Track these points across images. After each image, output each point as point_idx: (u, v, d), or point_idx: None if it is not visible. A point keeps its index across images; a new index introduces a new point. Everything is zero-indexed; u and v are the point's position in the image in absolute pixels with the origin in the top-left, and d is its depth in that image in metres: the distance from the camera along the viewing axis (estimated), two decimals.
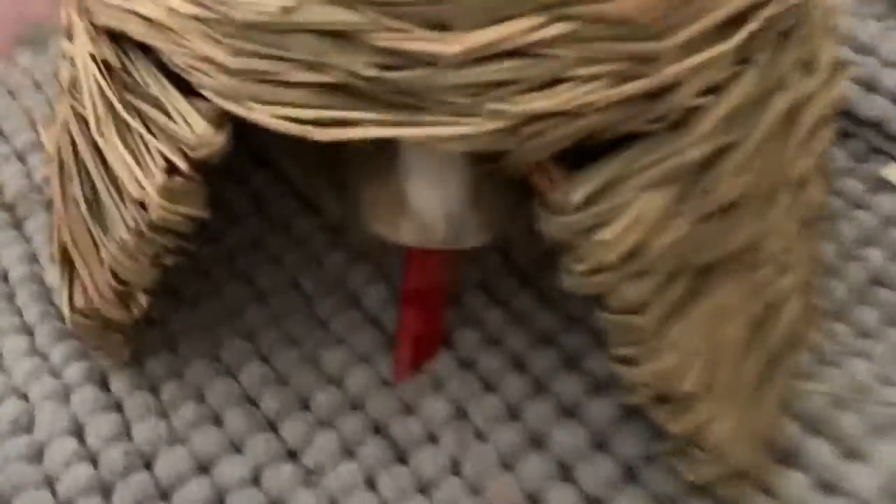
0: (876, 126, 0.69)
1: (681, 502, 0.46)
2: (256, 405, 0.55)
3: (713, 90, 0.42)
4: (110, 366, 0.56)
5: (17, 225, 0.67)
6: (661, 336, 0.42)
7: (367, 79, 0.38)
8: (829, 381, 0.52)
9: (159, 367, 0.56)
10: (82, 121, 0.50)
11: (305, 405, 0.55)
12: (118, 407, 0.55)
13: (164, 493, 0.50)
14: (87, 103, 0.47)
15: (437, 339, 0.56)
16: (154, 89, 0.45)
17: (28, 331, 0.59)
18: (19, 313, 0.60)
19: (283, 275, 0.63)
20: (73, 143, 0.52)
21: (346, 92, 0.39)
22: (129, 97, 0.46)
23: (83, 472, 0.50)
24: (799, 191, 0.50)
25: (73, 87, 0.51)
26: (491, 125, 0.39)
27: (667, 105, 0.41)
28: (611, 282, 0.42)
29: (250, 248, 0.65)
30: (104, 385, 0.56)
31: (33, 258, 0.64)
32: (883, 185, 0.66)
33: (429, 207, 0.47)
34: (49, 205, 0.60)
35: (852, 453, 0.48)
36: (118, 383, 0.55)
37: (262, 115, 0.41)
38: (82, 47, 0.49)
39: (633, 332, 0.42)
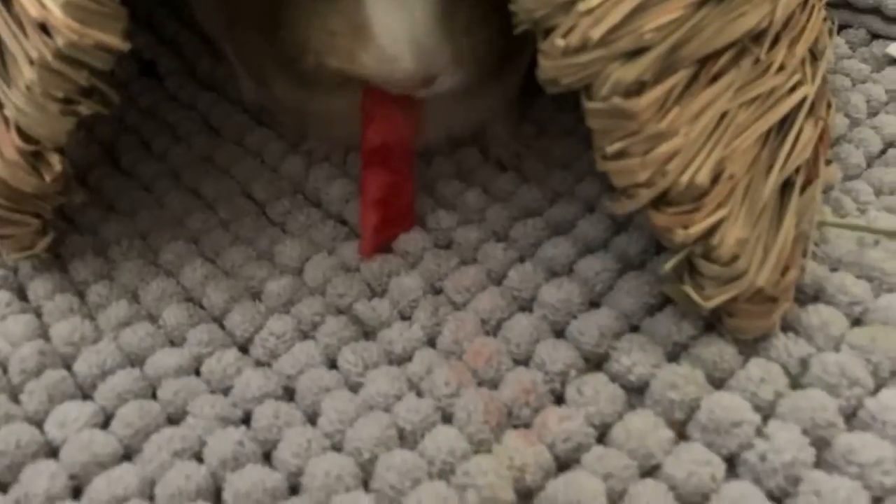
0: (873, 11, 0.64)
1: (695, 346, 0.39)
2: (200, 305, 0.47)
3: None
4: (29, 274, 0.49)
5: None
6: (660, 121, 0.35)
7: None
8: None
9: (86, 271, 0.49)
10: None
11: (256, 298, 0.47)
12: (36, 312, 0.47)
13: (85, 391, 0.42)
14: None
15: (407, 209, 0.49)
16: None
17: None
18: None
19: (233, 184, 0.56)
20: None
21: None
22: None
23: None
24: (806, 6, 0.45)
25: None
26: None
27: None
28: (598, 62, 0.35)
29: (197, 163, 0.58)
30: (20, 293, 0.48)
31: None
32: (888, 61, 0.60)
33: (393, 29, 0.41)
34: None
35: (884, 287, 0.41)
36: (36, 288, 0.48)
37: None
38: None
39: (626, 119, 0.35)
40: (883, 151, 0.53)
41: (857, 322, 0.40)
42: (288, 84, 0.51)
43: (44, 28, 0.39)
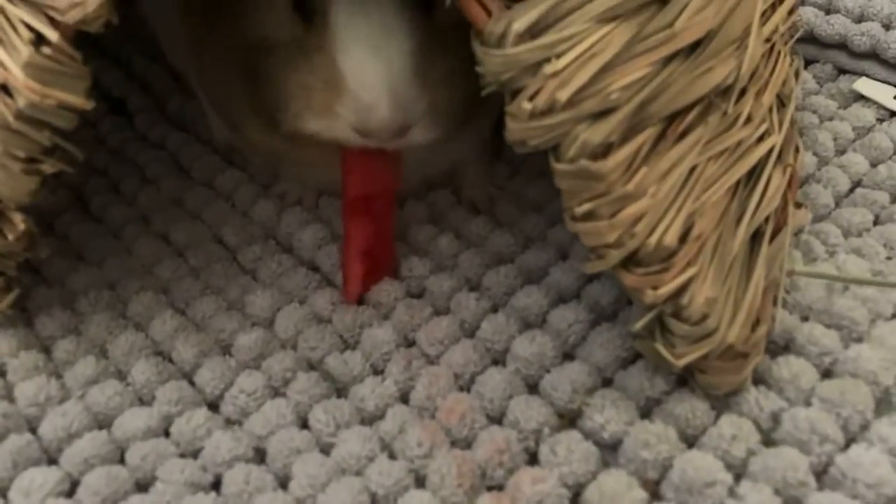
0: (839, 46, 0.65)
1: (668, 402, 0.39)
2: (169, 359, 0.46)
3: None
4: None
5: None
6: (627, 182, 0.35)
7: None
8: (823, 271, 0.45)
9: (52, 326, 0.48)
10: None
11: (226, 352, 0.46)
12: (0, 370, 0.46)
13: (51, 455, 0.41)
14: None
15: (389, 255, 0.48)
16: None
17: None
18: None
19: (203, 229, 0.55)
20: None
21: None
22: None
23: None
24: (771, 56, 0.45)
25: None
26: None
27: None
28: (565, 124, 0.35)
29: (167, 207, 0.57)
30: None
31: None
32: (855, 97, 0.61)
33: (368, 80, 0.41)
34: None
35: (853, 336, 0.41)
36: (1, 346, 0.47)
37: None
38: None
39: (594, 180, 0.35)
40: (851, 190, 0.54)
41: (826, 373, 0.40)
42: (260, 128, 0.50)
43: (4, 88, 0.39)
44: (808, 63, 0.65)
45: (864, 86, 0.62)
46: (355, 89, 0.41)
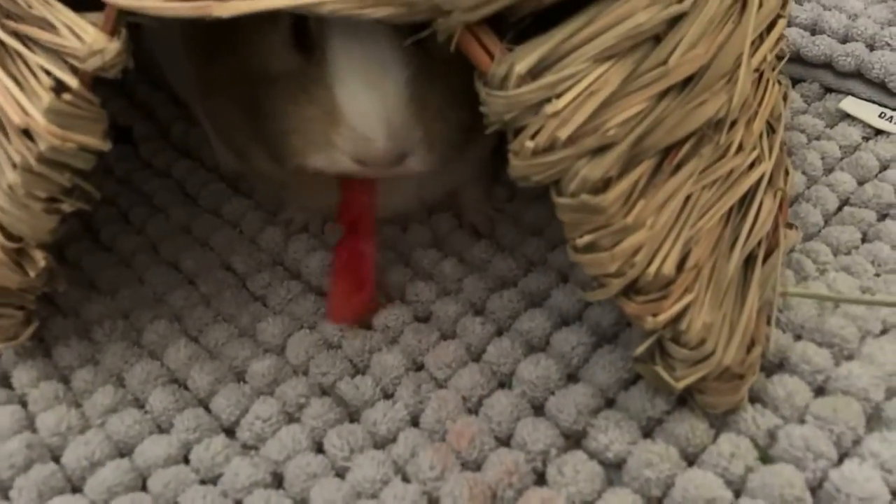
0: (825, 66, 0.67)
1: (668, 421, 0.40)
2: (184, 386, 0.48)
3: None
4: (12, 361, 0.49)
5: None
6: (626, 215, 0.37)
7: None
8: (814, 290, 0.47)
9: (70, 356, 0.49)
10: None
11: (241, 379, 0.48)
12: (21, 401, 0.47)
13: (75, 483, 0.43)
14: None
15: (369, 276, 0.50)
16: (38, 9, 0.40)
17: None
18: None
19: (213, 257, 0.57)
20: None
21: None
22: (11, 23, 0.41)
23: None
24: (760, 84, 0.47)
25: None
26: None
27: None
28: (566, 160, 0.37)
29: (176, 235, 0.59)
30: (4, 380, 0.49)
31: None
32: (841, 116, 0.63)
33: (365, 112, 0.42)
34: None
35: (844, 354, 0.43)
36: (20, 376, 0.48)
37: (156, 3, 0.36)
38: None
39: (594, 213, 0.37)
40: (839, 209, 0.56)
41: (819, 391, 0.42)
42: (265, 157, 0.52)
43: (26, 133, 0.40)
44: (796, 82, 0.67)
45: (849, 105, 0.64)
46: (352, 121, 0.42)
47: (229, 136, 0.56)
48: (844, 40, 0.67)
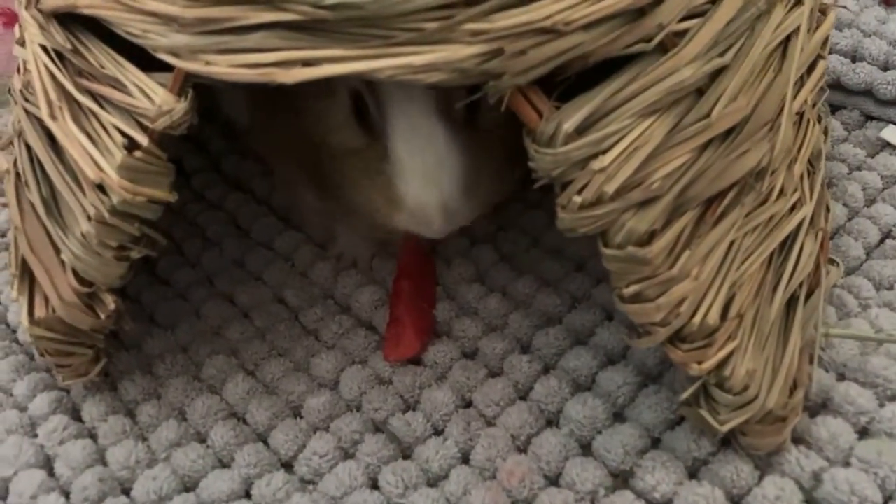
0: (866, 93, 0.67)
1: (714, 462, 0.41)
2: (243, 420, 0.50)
3: (698, 16, 0.40)
4: (81, 395, 0.52)
5: None
6: (672, 266, 0.38)
7: (330, 7, 0.35)
8: (855, 329, 0.48)
9: (135, 390, 0.52)
10: (35, 120, 0.47)
11: (297, 414, 0.50)
12: (91, 434, 0.50)
13: None
14: (39, 93, 0.45)
15: (431, 316, 0.52)
16: (111, 69, 0.43)
17: None
18: None
19: (266, 291, 0.59)
20: (29, 149, 0.49)
21: (309, 30, 0.37)
22: (84, 82, 0.44)
23: (52, 501, 0.45)
24: (801, 127, 0.48)
25: (26, 89, 0.48)
26: (469, 49, 0.36)
27: (651, 23, 0.38)
28: (612, 213, 0.38)
29: (230, 268, 0.61)
30: (75, 414, 0.51)
31: None
32: (882, 145, 0.63)
33: (424, 203, 0.45)
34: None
35: (887, 395, 0.44)
36: (90, 410, 0.51)
37: (222, 68, 0.38)
38: (33, 42, 0.46)
39: (640, 264, 0.38)
40: (881, 241, 0.56)
41: (863, 432, 0.43)
42: (319, 195, 0.54)
43: (100, 187, 0.42)
44: (835, 109, 0.67)
45: (891, 133, 0.64)
46: (413, 210, 0.46)
47: (287, 182, 0.58)
48: (885, 67, 0.67)
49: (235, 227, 0.65)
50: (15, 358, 0.54)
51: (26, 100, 0.48)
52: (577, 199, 0.38)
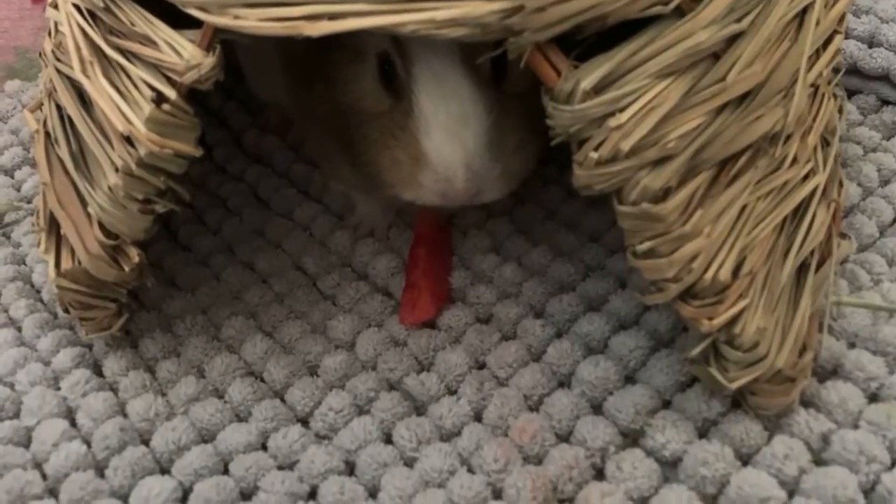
0: (882, 79, 0.67)
1: (723, 423, 0.42)
2: (261, 378, 0.51)
3: None
4: (103, 351, 0.53)
5: (5, 232, 0.65)
6: (685, 223, 0.39)
7: None
8: (868, 299, 0.48)
9: (155, 348, 0.53)
10: (66, 79, 0.48)
11: (313, 373, 0.51)
12: (112, 388, 0.51)
13: (163, 465, 0.46)
14: (72, 50, 0.46)
15: (447, 281, 0.53)
16: (141, 27, 0.44)
17: (15, 325, 0.56)
18: (4, 310, 0.57)
19: (285, 258, 0.60)
20: (59, 108, 0.50)
21: None
22: (115, 39, 0.45)
23: (74, 449, 0.46)
24: (815, 100, 0.48)
25: (58, 49, 0.50)
26: (490, 5, 0.37)
27: None
28: (628, 170, 0.39)
29: (250, 237, 0.62)
30: (96, 369, 0.52)
31: (20, 260, 0.62)
32: None
33: (448, 159, 0.46)
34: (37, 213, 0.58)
35: None
36: (111, 365, 0.52)
37: (250, 22, 0.39)
38: (66, 2, 0.48)
39: (654, 221, 0.39)
40: (894, 220, 0.56)
41: (873, 397, 0.43)
42: (352, 175, 0.55)
43: (128, 140, 0.44)
44: (852, 94, 0.68)
45: None
46: (437, 167, 0.46)
47: (320, 151, 0.59)
48: None
49: (256, 198, 0.66)
50: (39, 315, 0.55)
51: (58, 59, 0.49)
52: (594, 155, 0.39)
